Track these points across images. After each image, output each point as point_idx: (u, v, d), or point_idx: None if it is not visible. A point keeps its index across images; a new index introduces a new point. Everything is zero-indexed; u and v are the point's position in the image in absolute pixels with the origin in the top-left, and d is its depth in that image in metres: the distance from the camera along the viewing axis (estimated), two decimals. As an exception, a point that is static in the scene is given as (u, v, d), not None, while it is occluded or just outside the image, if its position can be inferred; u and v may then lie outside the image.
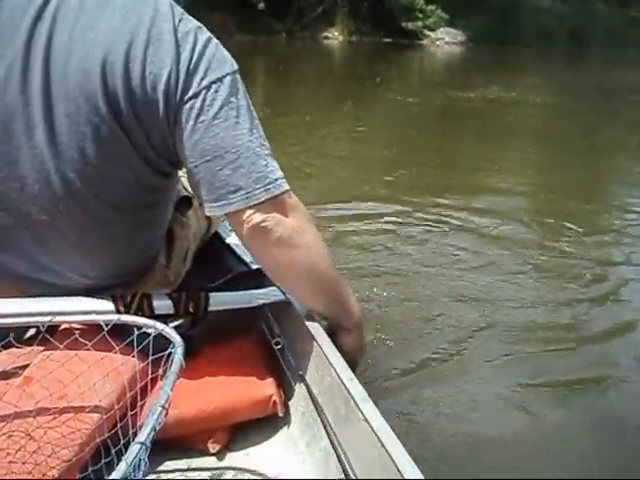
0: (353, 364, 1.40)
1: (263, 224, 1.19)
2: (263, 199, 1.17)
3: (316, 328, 1.39)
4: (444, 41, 29.61)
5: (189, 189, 1.54)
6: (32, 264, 1.24)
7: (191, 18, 1.19)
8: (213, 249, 1.77)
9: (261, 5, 22.64)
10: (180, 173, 1.35)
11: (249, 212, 1.18)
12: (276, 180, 1.19)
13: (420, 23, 29.76)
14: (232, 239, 1.79)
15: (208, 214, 1.22)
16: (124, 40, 1.09)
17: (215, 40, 1.19)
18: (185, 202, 1.52)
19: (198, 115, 1.13)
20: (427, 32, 29.97)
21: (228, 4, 20.70)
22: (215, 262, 1.73)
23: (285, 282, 1.38)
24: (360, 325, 1.48)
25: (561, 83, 15.72)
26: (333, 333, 1.43)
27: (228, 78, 1.15)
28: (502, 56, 25.17)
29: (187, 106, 1.12)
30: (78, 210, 1.18)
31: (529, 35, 33.79)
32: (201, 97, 1.12)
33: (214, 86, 1.13)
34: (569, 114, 10.11)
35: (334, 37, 27.18)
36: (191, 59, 1.12)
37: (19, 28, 1.12)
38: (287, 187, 1.22)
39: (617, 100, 12.64)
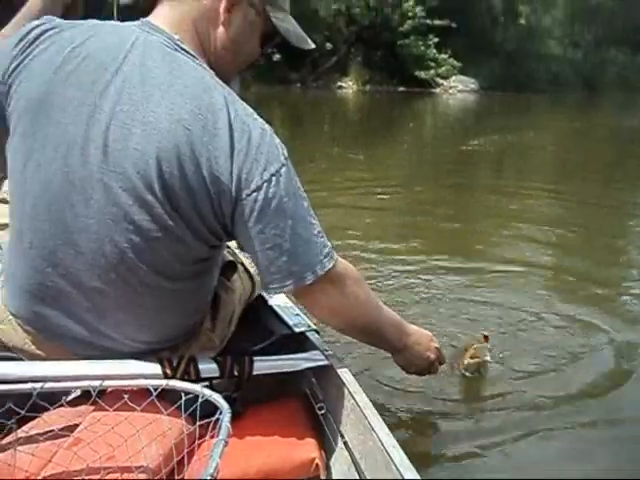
0: (412, 373, 1.75)
1: (315, 296, 1.34)
2: (314, 279, 1.28)
3: (359, 393, 1.42)
4: (457, 89, 29.93)
5: (235, 252, 1.60)
6: (84, 327, 1.28)
7: (245, 105, 1.24)
8: (257, 311, 1.79)
9: (277, 56, 23.04)
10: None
11: (301, 290, 1.30)
12: (325, 257, 1.29)
13: (433, 72, 30.17)
14: (275, 300, 1.83)
15: (264, 291, 1.32)
16: (181, 128, 1.15)
17: (268, 129, 1.24)
18: (230, 267, 1.57)
19: (262, 208, 1.19)
20: (440, 80, 30.34)
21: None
22: (259, 324, 1.75)
23: (339, 331, 1.54)
24: (408, 348, 1.63)
25: (574, 130, 15.80)
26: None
27: (284, 169, 1.21)
28: (515, 103, 25.39)
29: (250, 199, 1.18)
30: (129, 278, 1.23)
31: (541, 81, 34.11)
32: (263, 190, 1.18)
33: (274, 179, 1.19)
34: (583, 161, 10.16)
35: (348, 86, 27.58)
36: (249, 152, 1.18)
37: (83, 103, 1.19)
38: (334, 261, 1.32)
39: (630, 146, 12.69)
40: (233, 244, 1.58)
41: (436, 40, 30.31)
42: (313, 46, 1.48)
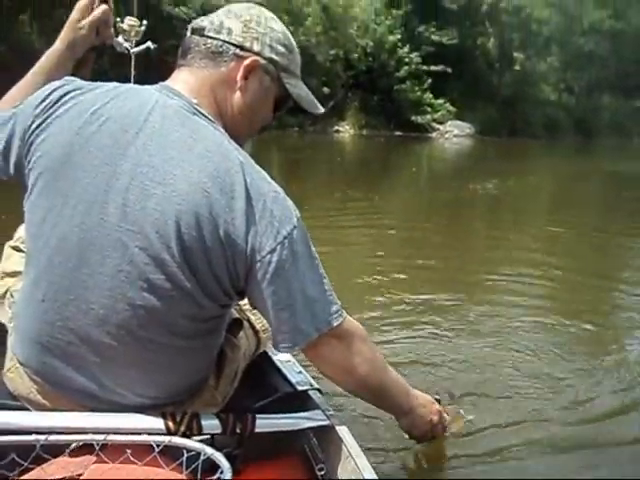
0: (415, 438, 1.74)
1: (322, 352, 1.37)
2: (322, 334, 1.32)
3: (359, 456, 1.43)
4: (453, 134, 30.23)
5: (242, 308, 1.63)
6: (91, 380, 1.30)
7: (259, 169, 1.29)
8: (260, 366, 1.81)
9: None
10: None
11: (309, 346, 1.33)
12: (333, 315, 1.33)
13: (429, 117, 30.57)
14: (278, 357, 1.84)
15: (275, 349, 1.35)
16: (200, 191, 1.19)
17: (281, 192, 1.29)
18: (237, 324, 1.60)
19: (275, 270, 1.23)
20: (436, 125, 30.70)
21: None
22: (262, 380, 1.76)
23: (346, 389, 1.55)
24: (413, 411, 1.63)
25: (569, 175, 15.96)
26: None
27: (296, 230, 1.26)
28: (511, 147, 25.66)
29: (265, 261, 1.22)
30: (139, 335, 1.26)
31: (536, 127, 34.57)
32: (277, 253, 1.22)
33: (287, 241, 1.23)
34: (577, 206, 10.25)
35: (345, 130, 27.84)
36: (264, 216, 1.22)
37: (104, 164, 1.23)
38: (342, 318, 1.35)
39: (624, 192, 12.80)
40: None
41: (432, 85, 30.75)
42: (323, 110, 1.54)
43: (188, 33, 1.40)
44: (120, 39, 1.83)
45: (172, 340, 1.29)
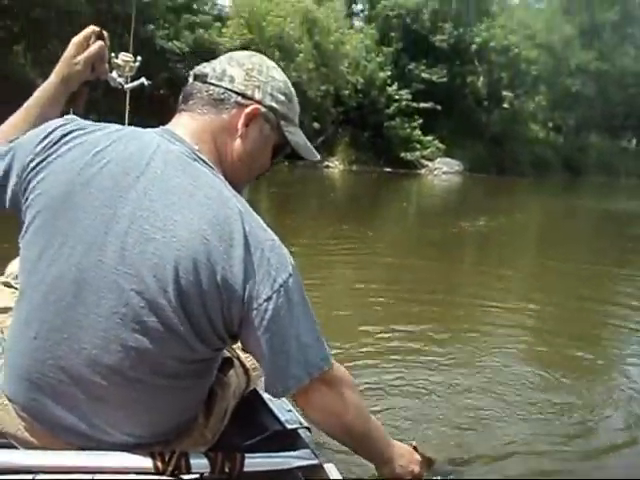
0: None
1: (310, 397, 1.37)
2: (311, 380, 1.33)
3: None
4: (442, 170, 30.42)
5: (232, 346, 1.63)
6: (80, 419, 1.29)
7: (256, 216, 1.30)
8: (250, 404, 1.80)
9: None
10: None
11: (299, 392, 1.35)
12: (323, 360, 1.34)
13: (418, 153, 30.78)
14: (268, 394, 1.84)
15: (266, 393, 1.36)
16: (200, 237, 1.20)
17: (277, 240, 1.30)
18: (227, 362, 1.60)
19: (271, 317, 1.25)
20: (425, 162, 30.90)
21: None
22: (252, 418, 1.75)
23: (328, 434, 1.53)
24: (394, 461, 1.61)
25: (556, 213, 16.13)
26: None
27: (292, 279, 1.27)
28: (499, 185, 25.87)
29: (261, 309, 1.24)
30: (131, 376, 1.25)
31: (525, 164, 34.89)
32: (273, 301, 1.24)
33: (282, 289, 1.25)
34: (564, 243, 10.34)
35: (335, 166, 27.98)
36: (262, 265, 1.24)
37: (104, 206, 1.25)
38: (330, 364, 1.37)
39: (610, 230, 12.96)
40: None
41: (421, 122, 31.07)
42: (319, 157, 1.57)
43: (190, 79, 1.42)
44: (114, 74, 1.86)
45: (163, 381, 1.29)
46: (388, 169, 28.88)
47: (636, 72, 43.80)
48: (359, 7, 37.43)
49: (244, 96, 1.38)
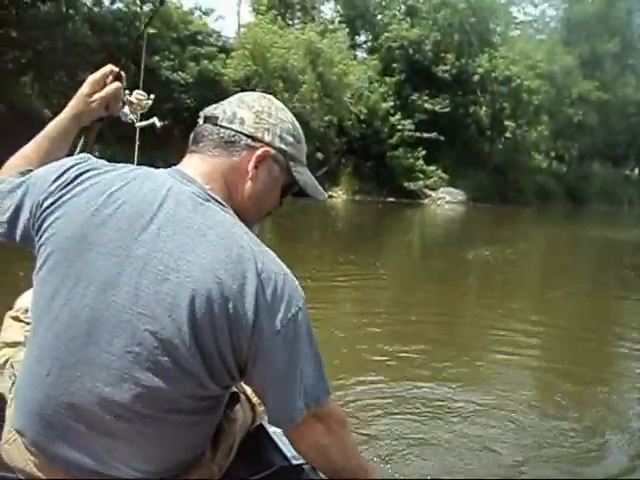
0: None
1: (302, 431, 1.36)
2: (310, 414, 1.33)
3: None
4: (445, 200, 30.51)
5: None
6: (90, 456, 1.29)
7: (269, 252, 1.32)
8: (256, 439, 1.80)
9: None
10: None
11: (296, 424, 1.33)
12: (320, 394, 1.34)
13: (421, 183, 30.88)
14: (274, 429, 1.83)
15: (268, 424, 1.36)
16: (213, 276, 1.22)
17: (289, 274, 1.31)
18: (234, 398, 1.61)
19: (279, 351, 1.26)
20: (428, 192, 30.97)
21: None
22: (257, 453, 1.75)
23: (318, 468, 1.52)
24: None
25: (560, 242, 16.14)
26: None
27: (300, 313, 1.29)
28: (502, 214, 25.87)
29: (270, 342, 1.25)
30: (142, 414, 1.26)
31: (527, 194, 34.91)
32: (282, 334, 1.25)
33: (291, 323, 1.26)
34: (569, 271, 10.37)
35: (338, 196, 28.09)
36: (273, 300, 1.25)
37: (118, 247, 1.27)
38: (330, 400, 1.37)
39: (613, 260, 12.96)
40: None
41: (424, 152, 31.19)
42: (326, 197, 1.59)
43: (200, 121, 1.44)
44: (126, 110, 1.88)
45: (173, 418, 1.30)
46: (391, 199, 28.96)
47: (637, 101, 44.09)
48: (362, 38, 37.80)
49: (254, 139, 1.40)
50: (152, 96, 1.93)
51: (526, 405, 3.53)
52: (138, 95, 1.90)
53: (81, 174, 1.37)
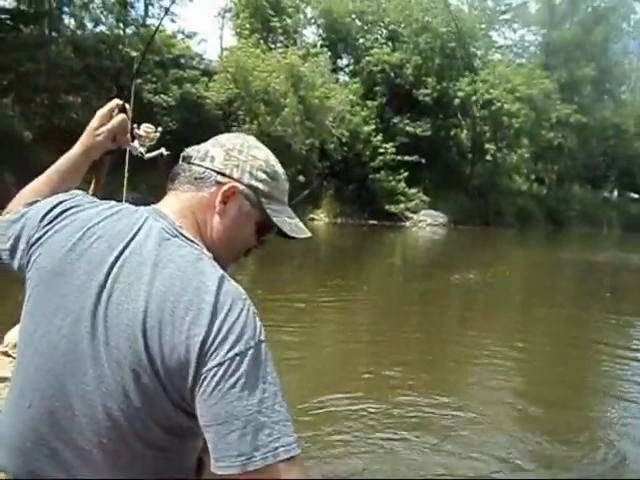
0: None
1: None
2: (260, 466, 1.22)
3: None
4: (426, 223, 30.66)
5: None
6: None
7: (235, 286, 1.32)
8: None
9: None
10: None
11: (245, 476, 1.23)
12: (276, 449, 1.23)
13: (403, 206, 31.01)
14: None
15: (212, 470, 1.30)
16: (167, 308, 1.25)
17: (250, 309, 1.30)
18: None
19: (217, 383, 1.22)
20: (409, 214, 31.11)
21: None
22: None
23: None
24: None
25: (540, 265, 16.28)
26: None
27: (252, 351, 1.25)
28: (483, 237, 26.08)
29: (211, 373, 1.23)
30: (119, 444, 1.29)
31: (508, 216, 35.20)
32: (224, 367, 1.22)
33: (237, 358, 1.23)
34: (547, 293, 10.48)
35: (320, 218, 28.16)
36: (220, 330, 1.24)
37: (91, 280, 1.31)
38: (284, 456, 1.24)
39: (592, 282, 13.10)
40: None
41: (406, 175, 31.38)
42: (309, 235, 1.57)
43: (180, 161, 1.49)
44: (136, 144, 1.93)
45: (147, 450, 1.32)
46: (373, 221, 29.10)
47: (615, 124, 44.74)
48: (344, 62, 38.20)
49: (223, 175, 1.43)
50: (160, 129, 1.99)
51: (505, 416, 3.59)
52: (146, 128, 1.95)
53: (65, 210, 1.43)
